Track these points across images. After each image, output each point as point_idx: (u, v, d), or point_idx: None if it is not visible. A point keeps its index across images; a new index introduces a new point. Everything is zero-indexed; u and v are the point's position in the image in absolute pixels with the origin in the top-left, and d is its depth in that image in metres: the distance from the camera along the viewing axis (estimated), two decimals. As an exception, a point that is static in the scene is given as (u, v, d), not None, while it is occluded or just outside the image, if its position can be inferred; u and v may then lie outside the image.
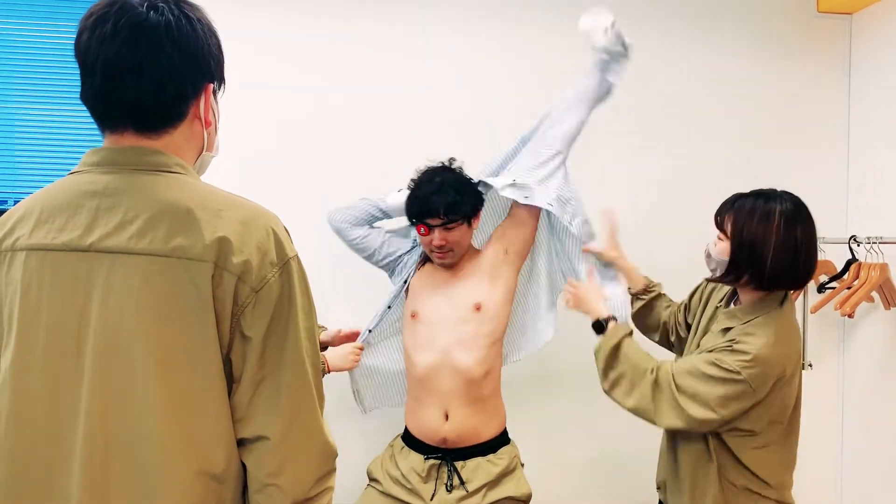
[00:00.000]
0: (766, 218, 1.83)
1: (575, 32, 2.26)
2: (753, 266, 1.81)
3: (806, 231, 1.84)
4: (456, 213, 2.13)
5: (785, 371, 1.78)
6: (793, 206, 1.85)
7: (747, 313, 1.85)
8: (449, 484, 2.12)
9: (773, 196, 1.89)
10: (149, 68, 1.08)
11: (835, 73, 3.00)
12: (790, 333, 1.84)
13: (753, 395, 1.75)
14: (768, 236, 1.81)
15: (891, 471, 2.75)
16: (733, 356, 1.76)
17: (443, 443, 2.14)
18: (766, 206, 1.86)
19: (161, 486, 1.03)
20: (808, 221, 1.86)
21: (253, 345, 1.07)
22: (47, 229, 1.08)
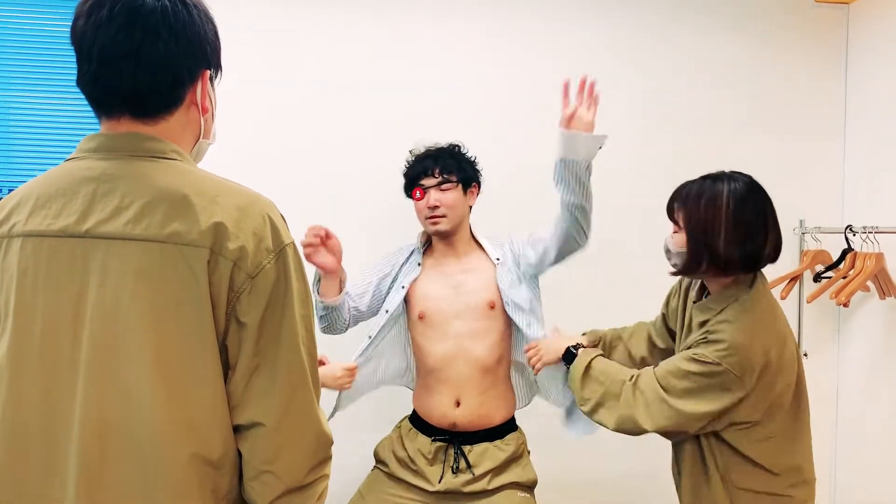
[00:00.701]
0: (713, 200, 1.76)
1: (575, 27, 2.26)
2: (709, 253, 1.74)
3: (758, 207, 1.77)
4: (450, 172, 2.17)
5: (770, 355, 1.70)
6: (741, 185, 1.77)
7: (718, 302, 1.78)
8: (455, 466, 2.14)
9: (721, 177, 1.81)
10: (145, 54, 1.08)
11: (832, 62, 3.00)
12: (766, 314, 1.76)
13: (741, 382, 1.68)
14: (718, 219, 1.74)
15: (886, 459, 2.77)
16: (710, 347, 1.71)
17: (452, 427, 2.16)
18: (713, 188, 1.79)
19: (158, 472, 1.04)
20: (759, 197, 1.78)
21: (248, 331, 1.07)
22: (43, 215, 1.08)
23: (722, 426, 1.74)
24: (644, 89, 2.90)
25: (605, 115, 2.83)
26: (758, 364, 1.68)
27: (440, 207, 2.17)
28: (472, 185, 2.27)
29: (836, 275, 2.74)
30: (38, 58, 2.57)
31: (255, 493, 1.12)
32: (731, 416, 1.72)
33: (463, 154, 2.27)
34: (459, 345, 2.16)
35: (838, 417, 3.02)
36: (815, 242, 2.89)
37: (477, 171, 2.29)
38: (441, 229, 2.20)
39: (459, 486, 2.12)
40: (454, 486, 2.12)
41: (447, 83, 2.78)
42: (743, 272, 1.78)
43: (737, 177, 1.80)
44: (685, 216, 1.81)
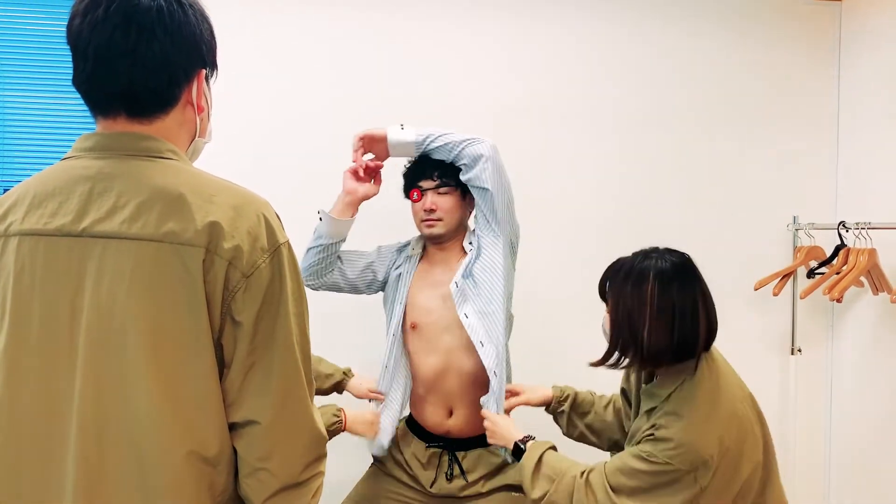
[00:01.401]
0: (639, 283, 1.62)
1: (578, 22, 2.25)
2: (633, 342, 1.61)
3: (685, 291, 1.62)
4: (449, 176, 2.15)
5: (725, 442, 1.57)
6: (670, 265, 1.63)
7: (664, 387, 1.65)
8: (449, 473, 2.14)
9: (652, 254, 1.68)
10: (141, 54, 1.08)
11: (825, 59, 3.01)
12: (712, 405, 1.60)
13: (694, 478, 1.55)
14: (643, 304, 1.60)
15: (878, 454, 2.78)
16: (658, 446, 1.58)
17: (447, 434, 2.16)
18: (640, 267, 1.65)
19: (155, 470, 1.04)
20: (687, 279, 1.64)
21: (243, 330, 1.08)
22: (39, 214, 1.08)
23: None
24: (636, 88, 2.91)
25: (593, 115, 2.86)
26: (712, 456, 1.56)
27: (436, 211, 2.14)
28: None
29: (830, 271, 2.75)
30: (34, 57, 2.57)
31: (251, 490, 1.12)
32: None
33: None
34: (449, 359, 2.13)
35: (831, 413, 3.03)
36: (808, 238, 2.91)
37: None
38: (435, 233, 2.16)
39: (454, 491, 2.13)
40: (448, 491, 2.13)
41: (444, 83, 2.78)
42: (674, 363, 1.65)
43: (668, 255, 1.68)
44: (611, 299, 1.69)
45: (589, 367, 1.76)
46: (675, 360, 1.63)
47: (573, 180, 2.86)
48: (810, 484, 3.03)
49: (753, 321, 2.98)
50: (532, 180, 2.78)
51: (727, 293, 2.92)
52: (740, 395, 1.66)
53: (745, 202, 2.97)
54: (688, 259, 1.69)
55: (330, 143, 2.71)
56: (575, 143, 2.86)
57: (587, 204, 2.87)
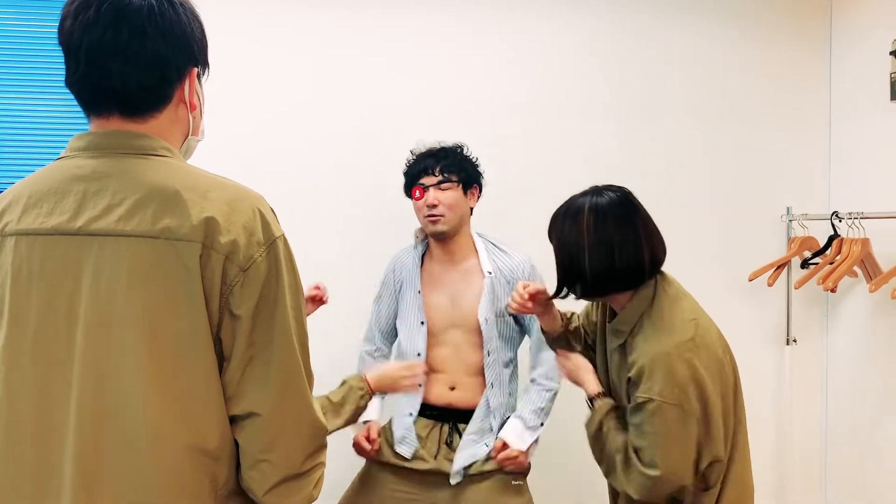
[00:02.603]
0: (574, 217, 1.66)
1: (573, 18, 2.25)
2: (577, 274, 1.65)
3: (621, 221, 1.65)
4: (450, 171, 2.17)
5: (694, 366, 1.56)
6: (606, 199, 1.67)
7: (626, 323, 1.67)
8: (449, 439, 2.18)
9: (589, 191, 1.71)
10: (133, 53, 1.09)
11: (816, 50, 3.03)
12: (677, 326, 1.61)
13: (682, 410, 1.54)
14: (580, 236, 1.64)
15: (873, 443, 2.79)
16: (639, 388, 1.58)
17: (448, 405, 2.21)
18: (575, 203, 1.69)
19: (155, 464, 1.05)
20: (622, 209, 1.66)
21: (242, 323, 1.08)
22: (35, 214, 1.09)
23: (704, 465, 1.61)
24: (629, 82, 2.92)
25: (586, 109, 2.88)
26: (688, 382, 1.56)
27: (439, 206, 2.17)
28: (473, 187, 2.26)
29: (823, 261, 2.77)
30: (27, 59, 2.58)
31: (253, 481, 1.13)
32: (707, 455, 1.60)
33: (465, 154, 2.26)
34: (456, 351, 2.20)
35: (827, 402, 3.05)
36: (801, 229, 2.92)
37: (479, 173, 2.28)
38: (439, 229, 2.19)
39: (451, 468, 2.16)
40: (446, 468, 2.16)
41: (442, 80, 2.80)
42: (622, 291, 1.68)
43: (604, 189, 1.70)
44: (553, 238, 1.73)
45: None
46: (621, 289, 1.66)
47: (568, 174, 2.85)
48: (806, 473, 3.04)
49: (748, 312, 3.00)
50: (529, 175, 2.80)
51: (722, 284, 2.96)
52: (705, 322, 1.67)
53: (738, 194, 2.99)
54: (626, 192, 1.71)
55: (327, 141, 2.73)
56: (569, 139, 2.87)
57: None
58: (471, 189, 2.25)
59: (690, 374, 1.56)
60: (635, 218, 1.68)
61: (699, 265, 2.95)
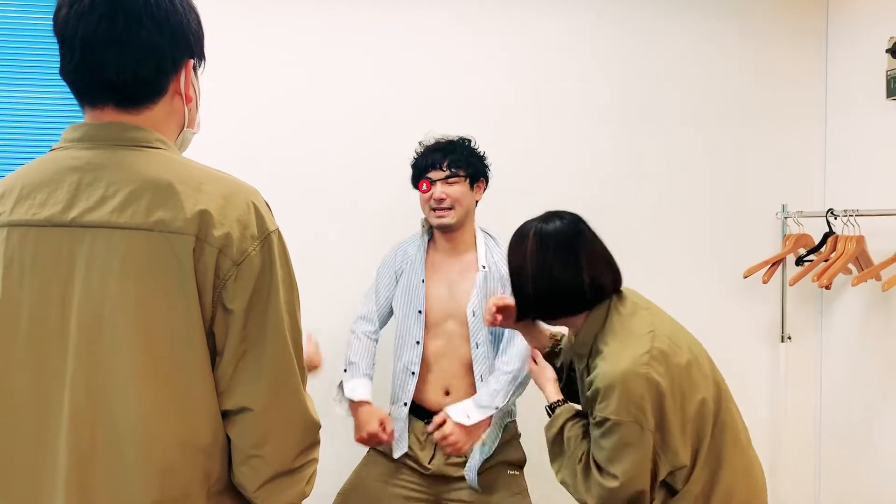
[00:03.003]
0: (520, 242, 1.71)
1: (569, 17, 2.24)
2: (522, 297, 1.70)
3: (562, 248, 1.67)
4: (458, 166, 2.18)
5: (654, 380, 1.56)
6: (551, 226, 1.70)
7: (583, 345, 1.70)
8: None
9: (540, 217, 1.74)
10: (128, 43, 1.08)
11: (812, 47, 3.03)
12: (630, 343, 1.62)
13: (638, 427, 1.55)
14: (524, 262, 1.68)
15: (868, 442, 2.80)
16: (597, 407, 1.60)
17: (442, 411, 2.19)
18: (524, 229, 1.73)
19: (148, 459, 1.04)
20: (565, 237, 1.68)
21: (235, 317, 1.08)
22: (28, 205, 1.08)
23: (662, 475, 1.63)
24: (625, 81, 2.92)
25: (583, 109, 2.87)
26: (643, 396, 1.56)
27: (446, 200, 2.17)
28: (480, 181, 2.27)
29: (818, 258, 2.77)
30: (20, 49, 2.56)
31: (245, 477, 1.12)
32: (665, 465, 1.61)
33: (473, 149, 2.26)
34: (450, 343, 2.20)
35: (821, 399, 3.05)
36: (797, 226, 2.92)
37: (486, 167, 2.29)
38: (446, 222, 2.20)
39: (450, 470, 2.16)
40: (445, 471, 2.16)
41: (436, 79, 2.79)
42: (572, 314, 1.70)
43: (552, 216, 1.73)
44: (507, 261, 1.77)
45: None
46: (569, 312, 1.70)
47: (564, 174, 2.87)
48: (800, 470, 3.05)
49: (743, 309, 3.00)
50: (525, 175, 2.79)
51: (717, 281, 2.97)
52: (666, 332, 1.67)
53: (734, 191, 2.99)
54: (574, 219, 1.73)
55: (324, 136, 2.72)
56: (565, 138, 2.87)
57: (578, 196, 2.86)
58: (477, 183, 2.26)
59: (645, 388, 1.56)
60: (578, 243, 1.70)
61: (695, 262, 2.96)
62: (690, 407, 1.61)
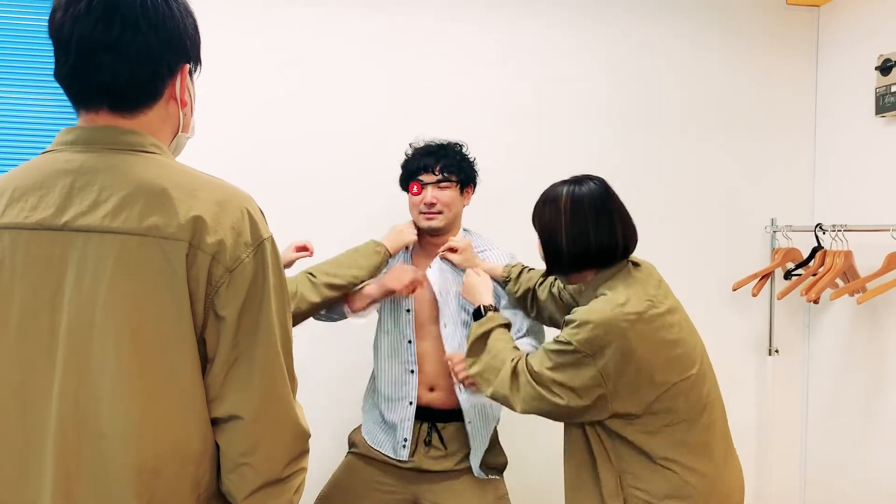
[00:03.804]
0: (554, 201, 1.80)
1: (561, 24, 2.25)
2: (558, 254, 1.79)
3: (596, 204, 1.77)
4: (450, 171, 2.18)
5: (628, 336, 1.63)
6: (582, 186, 1.80)
7: (586, 297, 1.80)
8: (428, 439, 2.17)
9: (569, 180, 1.84)
10: (124, 47, 1.08)
11: (802, 63, 3.05)
12: (624, 296, 1.69)
13: (591, 360, 1.65)
14: (559, 218, 1.78)
15: (854, 453, 2.82)
16: (566, 330, 1.71)
17: (427, 405, 2.20)
18: (554, 190, 1.83)
19: (136, 465, 1.03)
20: (597, 194, 1.79)
21: (227, 325, 1.07)
22: (20, 208, 1.07)
23: (603, 416, 1.71)
24: (615, 90, 2.93)
25: (577, 117, 2.89)
26: (612, 339, 1.64)
27: (437, 205, 2.18)
28: (469, 186, 2.27)
29: (807, 272, 2.79)
30: (14, 51, 2.54)
31: (233, 485, 1.12)
32: (611, 407, 1.69)
33: (464, 154, 2.26)
34: (436, 345, 2.20)
35: (808, 413, 3.07)
36: (785, 240, 2.94)
37: (475, 172, 2.30)
38: (435, 226, 2.20)
39: (431, 464, 2.16)
40: (425, 465, 2.16)
41: (436, 83, 2.80)
42: (598, 268, 1.80)
43: (583, 179, 1.83)
44: (536, 222, 1.86)
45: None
46: (597, 266, 1.79)
47: (550, 181, 2.87)
48: (786, 483, 3.06)
49: (731, 322, 3.01)
50: (516, 181, 2.79)
51: (706, 293, 2.98)
52: (665, 306, 1.74)
53: (723, 204, 3.00)
54: (604, 182, 1.84)
55: (320, 140, 2.72)
56: (555, 147, 2.88)
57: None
58: (466, 189, 2.27)
59: (615, 340, 1.64)
60: (611, 205, 1.80)
61: (683, 274, 2.96)
62: (657, 377, 1.67)
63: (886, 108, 2.63)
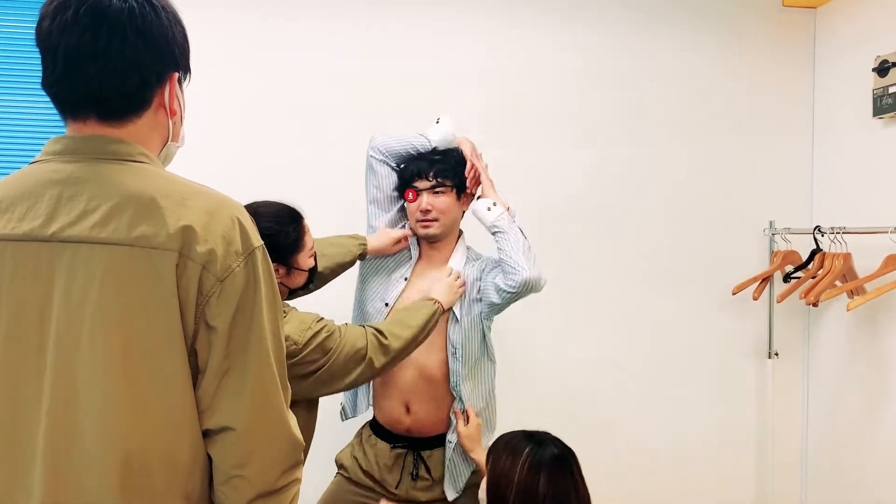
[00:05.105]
0: (514, 457, 1.68)
1: (559, 31, 2.24)
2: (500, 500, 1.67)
3: (553, 480, 1.64)
4: (445, 176, 2.14)
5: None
6: (548, 453, 1.68)
7: None
8: (415, 473, 2.13)
9: (535, 436, 1.74)
10: (112, 56, 1.07)
11: (799, 65, 3.04)
12: None
13: None
14: (511, 479, 1.65)
15: (854, 457, 2.80)
16: None
17: (407, 432, 2.15)
18: (519, 444, 1.71)
19: (126, 476, 1.02)
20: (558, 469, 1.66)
21: (218, 335, 1.06)
22: (7, 219, 1.06)
23: None
24: (614, 95, 2.92)
25: (575, 122, 2.88)
26: None
27: (432, 211, 2.13)
28: (467, 191, 2.22)
29: (805, 275, 2.78)
30: (8, 59, 2.53)
31: (226, 497, 1.10)
32: None
33: (461, 158, 2.21)
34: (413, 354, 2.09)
35: (808, 416, 3.05)
36: (784, 243, 2.93)
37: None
38: (431, 233, 2.17)
39: (419, 495, 2.12)
40: (414, 496, 2.12)
41: (424, 87, 2.79)
42: None
43: (549, 444, 1.71)
44: (489, 466, 1.74)
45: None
46: None
47: (550, 188, 2.87)
48: (787, 487, 3.05)
49: (730, 325, 3.00)
50: (510, 185, 2.78)
51: (705, 297, 2.97)
52: None
53: (722, 207, 2.99)
54: (566, 453, 1.71)
55: (309, 148, 2.71)
56: (553, 149, 2.87)
57: (565, 209, 2.88)
58: (464, 193, 2.21)
59: None
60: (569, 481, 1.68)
61: (682, 277, 2.97)
62: None
63: (884, 110, 2.62)
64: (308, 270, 1.88)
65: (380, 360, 1.86)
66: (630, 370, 2.94)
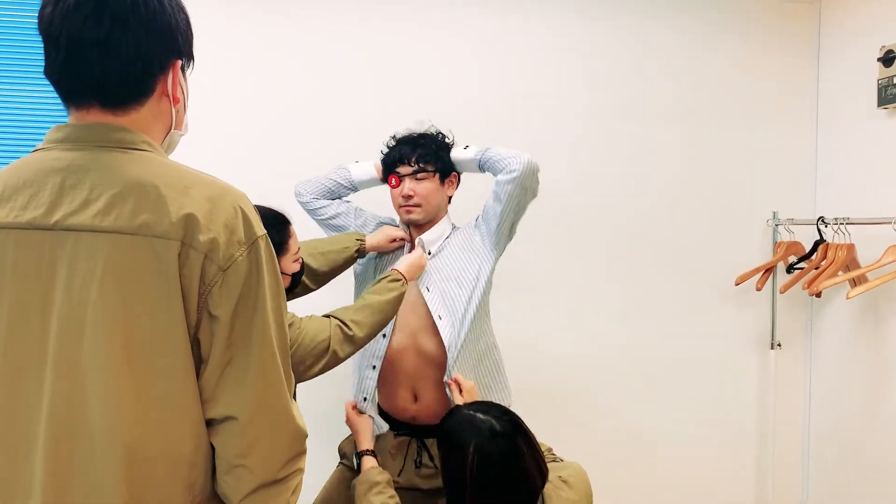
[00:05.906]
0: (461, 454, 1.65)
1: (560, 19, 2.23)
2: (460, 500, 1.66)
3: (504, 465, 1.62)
4: (427, 160, 2.12)
5: None
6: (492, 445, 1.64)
7: None
8: (418, 460, 2.13)
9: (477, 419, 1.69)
10: (114, 43, 1.06)
11: (803, 56, 3.03)
12: None
13: None
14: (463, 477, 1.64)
15: (856, 448, 2.80)
16: None
17: (413, 420, 2.15)
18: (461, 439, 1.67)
19: (127, 468, 1.02)
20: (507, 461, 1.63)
21: (221, 324, 1.06)
22: (10, 207, 1.05)
23: None
24: (616, 86, 2.91)
25: (577, 114, 2.87)
26: None
27: (414, 197, 2.12)
28: (451, 176, 2.21)
29: (809, 266, 2.77)
30: (12, 47, 2.52)
31: (229, 487, 1.10)
32: None
33: (444, 142, 2.19)
34: (412, 338, 2.12)
35: (810, 407, 3.05)
36: (787, 234, 2.93)
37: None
38: (414, 219, 2.16)
39: (420, 482, 2.12)
40: (415, 483, 2.12)
41: (426, 81, 2.78)
42: None
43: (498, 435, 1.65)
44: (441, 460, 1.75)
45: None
46: None
47: (553, 179, 2.85)
48: (788, 478, 3.05)
49: (733, 316, 3.00)
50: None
51: (708, 287, 2.96)
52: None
53: (725, 198, 2.99)
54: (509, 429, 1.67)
55: (309, 141, 2.70)
56: (553, 142, 2.86)
57: (566, 201, 2.87)
58: (448, 178, 2.19)
59: None
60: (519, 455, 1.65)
61: (685, 268, 2.96)
62: None
63: (889, 100, 2.61)
64: (292, 275, 1.86)
65: (345, 350, 1.85)
66: (633, 360, 2.94)
